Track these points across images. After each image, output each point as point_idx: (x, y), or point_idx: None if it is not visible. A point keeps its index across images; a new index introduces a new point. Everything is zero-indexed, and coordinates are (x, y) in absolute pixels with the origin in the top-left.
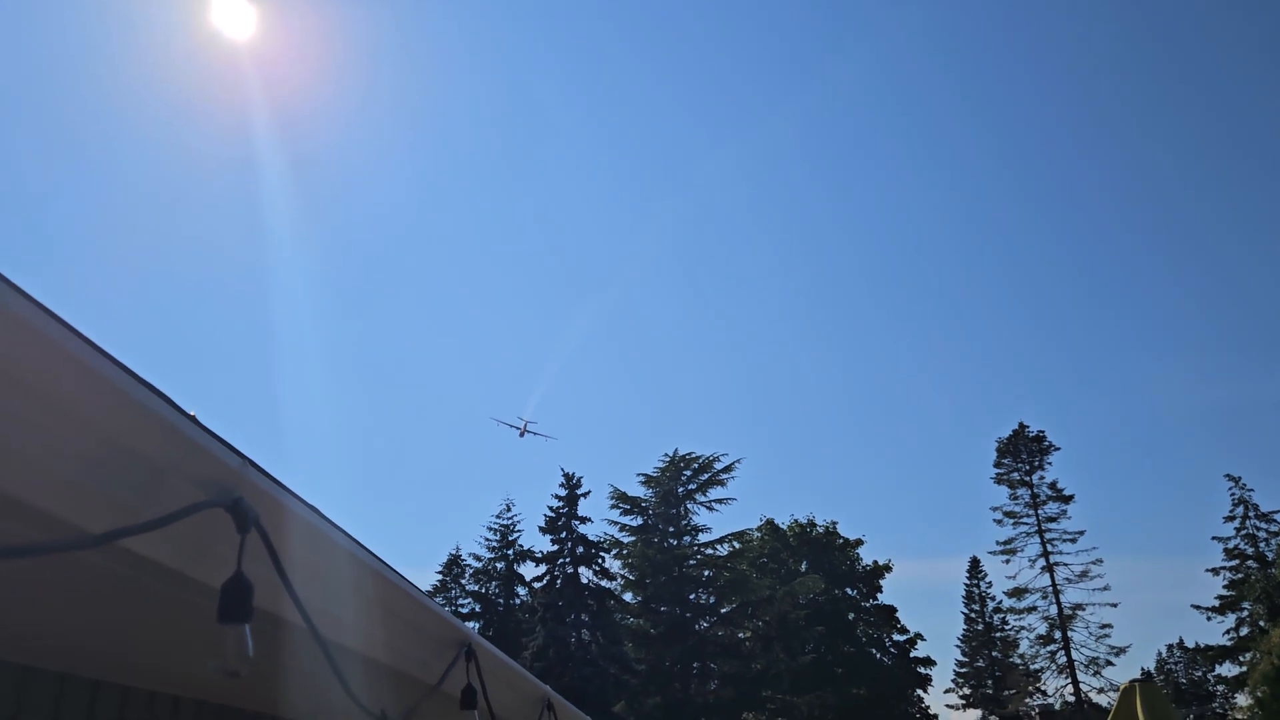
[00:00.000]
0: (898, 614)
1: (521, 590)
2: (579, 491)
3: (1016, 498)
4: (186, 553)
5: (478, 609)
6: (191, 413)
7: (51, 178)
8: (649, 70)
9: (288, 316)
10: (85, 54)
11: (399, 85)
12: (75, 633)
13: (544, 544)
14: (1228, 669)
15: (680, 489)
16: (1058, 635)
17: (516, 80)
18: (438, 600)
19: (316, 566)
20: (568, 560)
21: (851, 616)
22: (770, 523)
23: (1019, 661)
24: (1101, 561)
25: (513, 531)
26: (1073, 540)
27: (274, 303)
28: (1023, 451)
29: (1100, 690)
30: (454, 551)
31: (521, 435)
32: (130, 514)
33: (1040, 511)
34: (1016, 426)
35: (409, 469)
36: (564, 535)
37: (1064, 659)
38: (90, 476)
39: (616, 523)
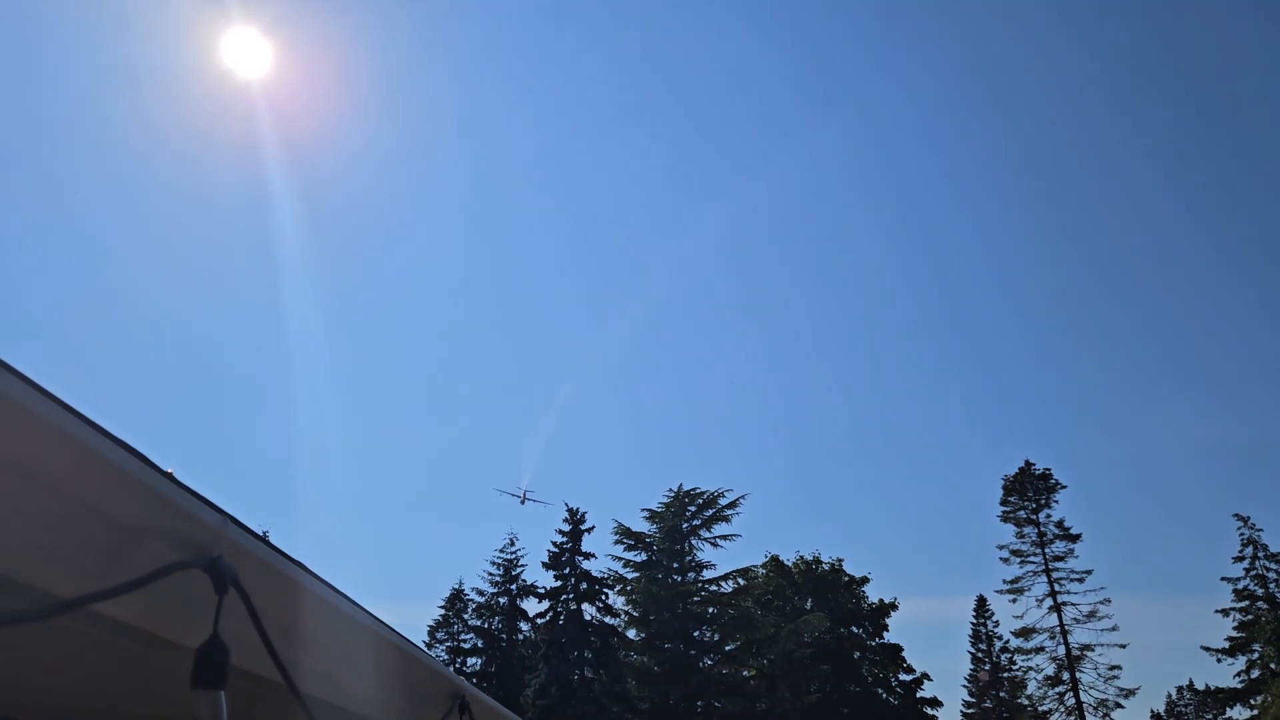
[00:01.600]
0: (904, 653)
1: (524, 626)
2: (583, 527)
3: (1023, 536)
4: (162, 615)
5: (480, 644)
6: (169, 470)
7: (68, 214)
8: (663, 106)
9: (299, 347)
10: (103, 92)
11: (403, 127)
12: (53, 692)
13: (547, 579)
14: (1239, 712)
15: (684, 525)
16: (1066, 676)
17: (525, 124)
18: (440, 635)
19: (301, 624)
20: (571, 596)
21: (857, 655)
22: (775, 559)
23: (1027, 702)
24: (1109, 601)
25: (516, 566)
26: (1080, 580)
27: (284, 333)
28: (1029, 489)
29: None
30: (457, 585)
31: (522, 503)
32: (101, 577)
33: (1047, 550)
34: (1023, 464)
35: (415, 500)
36: (567, 571)
37: (1072, 700)
38: (57, 540)
39: (620, 558)
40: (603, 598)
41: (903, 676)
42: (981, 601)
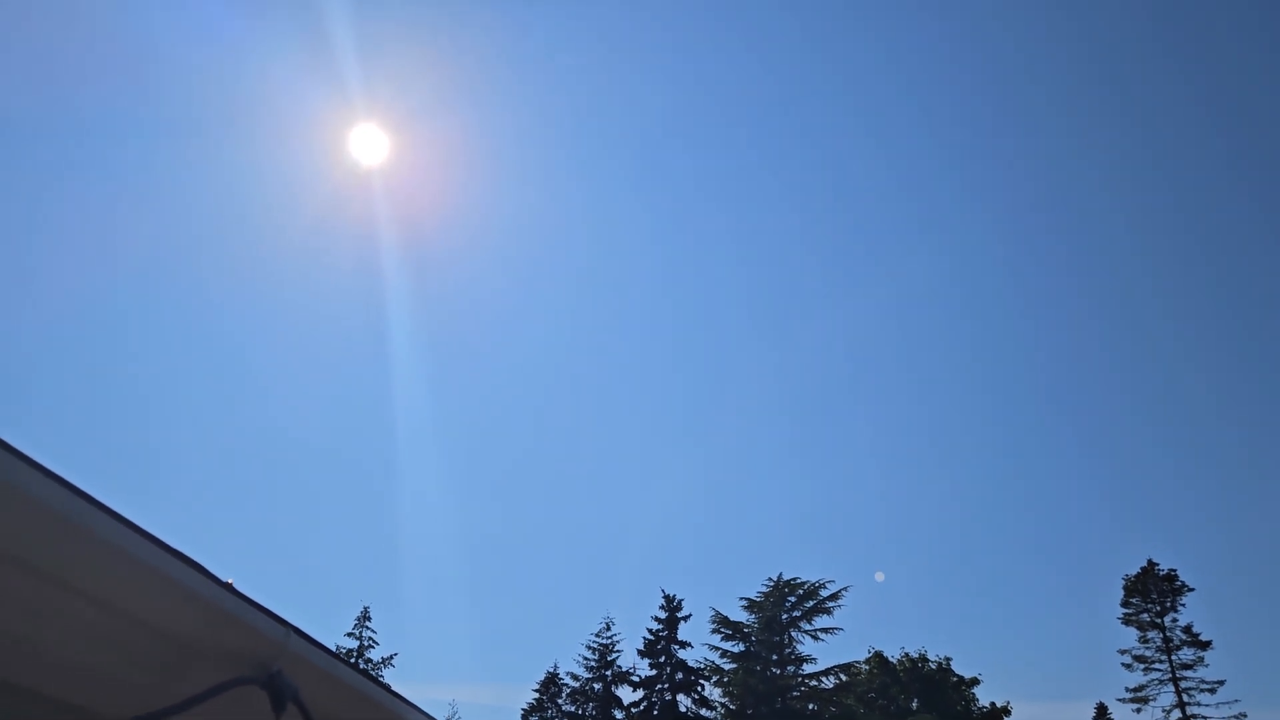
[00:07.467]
0: None
1: (619, 714)
2: (679, 614)
3: (1147, 641)
4: None
5: None
6: (229, 580)
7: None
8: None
9: (406, 425)
10: (241, 184)
11: (516, 215)
12: None
13: (643, 667)
14: None
15: (784, 616)
16: None
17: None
18: (532, 719)
19: None
20: (666, 686)
21: None
22: (879, 655)
23: None
24: (1245, 716)
25: (611, 651)
26: (1212, 690)
27: (394, 413)
28: (1153, 591)
29: None
30: (551, 669)
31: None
32: (152, 697)
33: (1174, 657)
34: (1145, 564)
35: (511, 580)
36: (663, 660)
37: None
38: (107, 659)
39: (717, 648)
40: (699, 689)
41: None
42: (1102, 709)
